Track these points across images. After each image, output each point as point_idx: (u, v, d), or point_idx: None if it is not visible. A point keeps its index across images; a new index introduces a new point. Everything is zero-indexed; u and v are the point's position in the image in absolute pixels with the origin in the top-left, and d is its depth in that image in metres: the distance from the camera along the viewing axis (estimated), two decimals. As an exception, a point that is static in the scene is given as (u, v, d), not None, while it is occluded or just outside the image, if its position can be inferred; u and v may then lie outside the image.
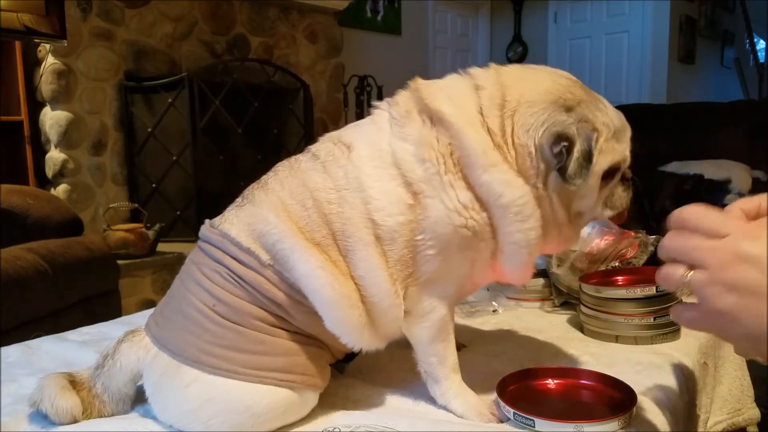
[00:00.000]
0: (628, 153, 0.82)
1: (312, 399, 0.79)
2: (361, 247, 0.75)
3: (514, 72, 0.81)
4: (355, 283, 0.76)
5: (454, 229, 0.74)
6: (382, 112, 0.82)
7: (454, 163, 0.75)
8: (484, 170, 0.74)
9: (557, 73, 0.81)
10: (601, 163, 0.77)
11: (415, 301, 0.79)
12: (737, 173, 3.31)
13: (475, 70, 0.83)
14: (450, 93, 0.79)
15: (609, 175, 0.80)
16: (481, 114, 0.77)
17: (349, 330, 0.77)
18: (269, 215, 0.77)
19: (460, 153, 0.74)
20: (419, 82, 0.82)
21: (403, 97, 0.82)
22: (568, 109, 0.76)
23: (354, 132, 0.82)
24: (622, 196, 0.84)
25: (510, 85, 0.78)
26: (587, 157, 0.74)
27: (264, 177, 0.85)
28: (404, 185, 0.75)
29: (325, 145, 0.82)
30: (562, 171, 0.74)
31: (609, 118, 0.79)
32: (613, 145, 0.79)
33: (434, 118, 0.77)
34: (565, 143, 0.74)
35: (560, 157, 0.74)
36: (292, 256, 0.74)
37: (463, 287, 0.83)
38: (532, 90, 0.77)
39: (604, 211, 0.84)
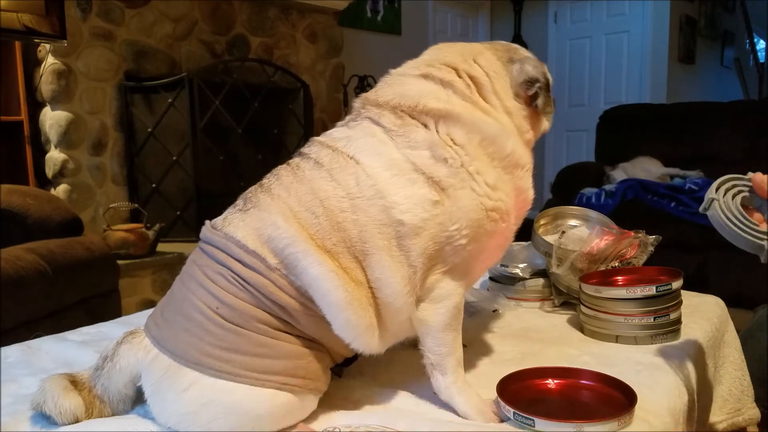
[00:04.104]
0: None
1: (312, 403, 0.79)
2: (375, 251, 0.77)
3: (451, 52, 0.90)
4: (370, 286, 0.77)
5: (486, 214, 0.80)
6: (371, 126, 0.82)
7: (476, 149, 0.80)
8: (507, 139, 0.83)
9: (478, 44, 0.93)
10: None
11: (433, 288, 0.81)
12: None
13: (414, 68, 0.90)
14: (427, 92, 0.83)
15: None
16: (471, 100, 0.84)
17: (359, 332, 0.77)
18: (278, 220, 0.77)
19: (481, 137, 0.81)
20: (385, 94, 0.85)
21: (376, 110, 0.83)
22: (512, 61, 0.90)
23: (352, 144, 0.81)
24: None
25: (466, 67, 0.87)
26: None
27: (265, 181, 0.84)
28: (427, 185, 0.78)
29: (326, 151, 0.82)
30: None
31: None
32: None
33: (438, 118, 0.80)
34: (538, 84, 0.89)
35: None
36: (304, 260, 0.75)
37: (476, 275, 0.88)
38: (486, 60, 0.88)
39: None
